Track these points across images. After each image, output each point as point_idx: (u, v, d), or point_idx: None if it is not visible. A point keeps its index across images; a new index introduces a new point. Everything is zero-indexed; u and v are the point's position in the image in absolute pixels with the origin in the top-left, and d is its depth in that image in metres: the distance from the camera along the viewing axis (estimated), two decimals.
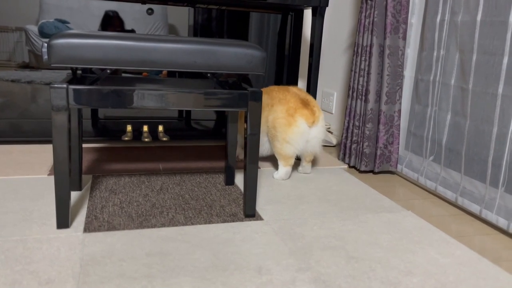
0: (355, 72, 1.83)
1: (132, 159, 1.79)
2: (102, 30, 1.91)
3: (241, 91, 1.20)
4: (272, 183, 1.61)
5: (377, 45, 1.71)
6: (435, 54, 1.62)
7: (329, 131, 2.34)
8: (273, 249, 1.11)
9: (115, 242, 1.10)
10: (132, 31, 1.94)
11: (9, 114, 1.94)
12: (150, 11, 1.91)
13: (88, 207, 1.29)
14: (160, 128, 2.00)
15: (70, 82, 1.15)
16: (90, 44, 1.05)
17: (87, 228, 1.16)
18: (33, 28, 1.86)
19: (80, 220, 1.21)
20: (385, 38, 1.68)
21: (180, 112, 2.12)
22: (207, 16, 2.04)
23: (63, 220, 1.15)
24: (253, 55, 1.18)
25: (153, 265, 1.00)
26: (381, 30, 1.70)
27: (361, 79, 1.78)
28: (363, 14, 1.75)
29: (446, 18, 1.57)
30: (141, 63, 1.09)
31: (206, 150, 1.99)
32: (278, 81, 2.27)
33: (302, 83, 2.53)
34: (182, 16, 2.00)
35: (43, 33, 1.85)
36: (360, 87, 1.79)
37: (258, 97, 1.20)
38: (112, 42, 1.06)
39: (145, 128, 1.99)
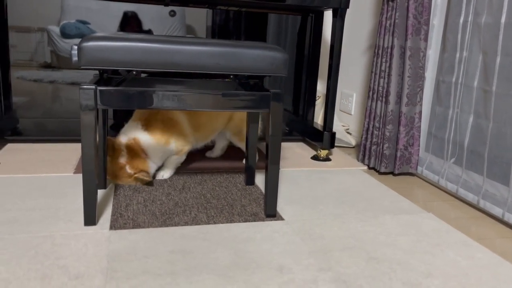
0: (375, 73, 1.83)
1: None
2: (121, 30, 1.95)
3: (263, 93, 1.21)
4: (291, 183, 1.62)
5: (398, 46, 1.71)
6: (457, 55, 1.61)
7: (347, 132, 2.34)
8: (294, 248, 1.12)
9: (140, 240, 1.13)
10: (150, 31, 1.97)
11: (33, 113, 1.99)
12: (172, 13, 1.94)
13: (113, 205, 1.33)
14: None
15: (97, 83, 1.18)
16: (118, 46, 1.08)
17: (113, 226, 1.20)
18: (55, 29, 1.91)
19: (106, 217, 1.24)
20: (406, 40, 1.68)
21: None
22: (225, 17, 2.07)
23: (90, 217, 1.18)
24: (275, 57, 1.19)
25: (176, 262, 1.03)
26: (402, 31, 1.70)
27: (381, 80, 1.78)
28: (384, 16, 1.75)
29: (469, 20, 1.56)
30: (166, 65, 1.12)
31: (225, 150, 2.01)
32: (297, 83, 2.28)
33: (321, 84, 2.54)
34: (200, 17, 2.03)
35: (64, 34, 1.90)
36: (380, 88, 1.79)
37: (279, 99, 1.22)
38: (139, 45, 1.09)
39: None
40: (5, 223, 1.17)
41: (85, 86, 1.09)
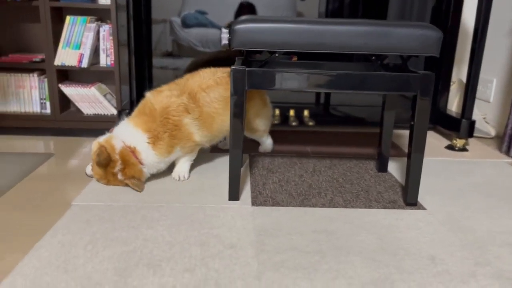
0: None
1: (281, 141, 1.86)
2: (235, 18, 2.00)
3: (412, 74, 1.15)
4: (428, 173, 1.53)
5: None
6: None
7: (485, 122, 2.14)
8: (442, 239, 1.06)
9: (281, 217, 1.16)
10: None
11: None
12: None
13: (251, 183, 1.38)
14: (306, 112, 2.04)
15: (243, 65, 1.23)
16: (269, 28, 1.11)
17: (254, 202, 1.25)
18: (176, 20, 2.04)
19: (246, 194, 1.30)
20: None
21: (317, 98, 2.13)
22: (338, 1, 2.00)
23: (234, 193, 1.24)
24: (428, 36, 1.13)
25: (321, 242, 1.04)
26: None
27: None
28: None
29: None
30: (314, 45, 1.12)
31: (349, 136, 1.97)
32: (428, 66, 2.14)
33: (457, 69, 2.35)
34: (311, 3, 1.99)
35: (185, 24, 2.02)
36: None
37: (430, 81, 1.15)
38: (290, 26, 1.10)
39: (292, 112, 2.05)
40: (161, 193, 1.29)
41: (237, 68, 1.14)
